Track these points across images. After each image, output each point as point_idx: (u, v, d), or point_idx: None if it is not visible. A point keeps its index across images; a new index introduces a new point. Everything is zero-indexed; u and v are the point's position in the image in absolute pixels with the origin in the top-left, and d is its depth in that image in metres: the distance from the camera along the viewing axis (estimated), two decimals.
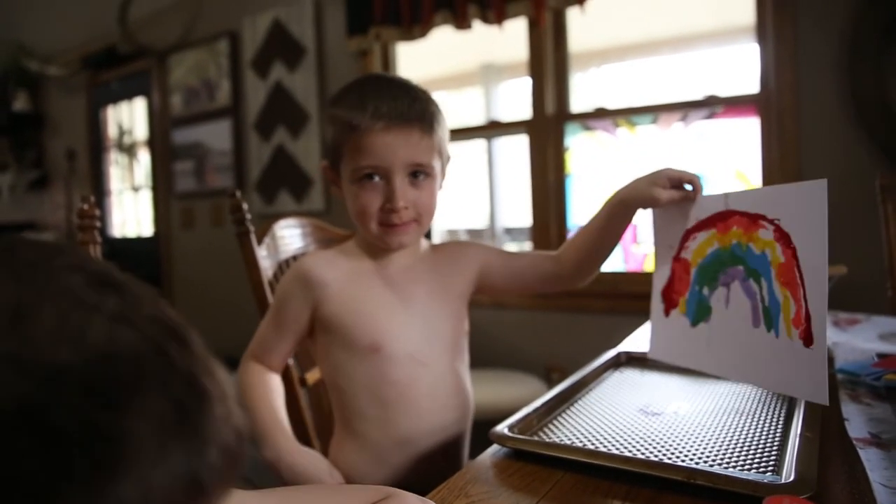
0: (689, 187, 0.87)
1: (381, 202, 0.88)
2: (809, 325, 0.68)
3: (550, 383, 2.15)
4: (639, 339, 1.25)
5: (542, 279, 1.00)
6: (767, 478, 0.62)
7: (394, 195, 0.88)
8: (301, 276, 0.94)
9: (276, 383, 0.98)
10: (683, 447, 0.71)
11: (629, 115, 2.29)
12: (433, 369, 0.94)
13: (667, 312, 0.90)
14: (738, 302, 0.79)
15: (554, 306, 2.34)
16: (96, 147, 4.34)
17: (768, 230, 0.75)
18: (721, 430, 0.76)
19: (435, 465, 0.94)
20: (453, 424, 0.96)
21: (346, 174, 0.91)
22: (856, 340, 1.14)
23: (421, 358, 0.93)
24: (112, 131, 4.31)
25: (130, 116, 4.17)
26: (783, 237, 0.73)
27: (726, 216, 0.81)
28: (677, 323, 0.88)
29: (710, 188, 0.86)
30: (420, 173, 0.90)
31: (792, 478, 0.58)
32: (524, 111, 2.46)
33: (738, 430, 0.76)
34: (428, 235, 1.04)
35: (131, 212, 4.29)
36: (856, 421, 0.75)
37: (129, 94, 4.07)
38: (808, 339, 0.69)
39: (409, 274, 0.97)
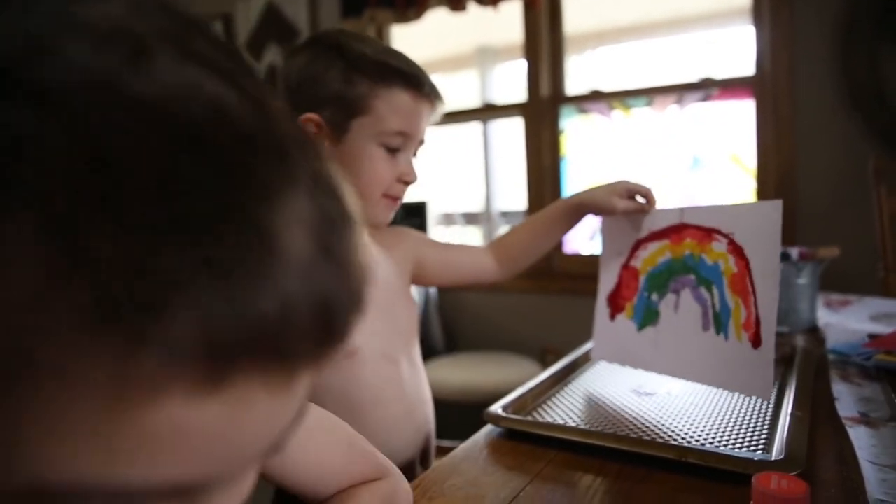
0: (642, 200, 0.89)
1: (398, 173, 0.82)
2: (759, 328, 0.71)
3: (546, 366, 2.16)
4: None
5: (476, 272, 0.98)
6: (757, 456, 0.62)
7: (412, 169, 0.83)
8: None
9: None
10: (675, 426, 0.72)
11: (624, 97, 2.29)
12: (401, 366, 0.86)
13: (612, 317, 0.93)
14: (688, 307, 0.82)
15: (549, 289, 2.35)
16: None
17: (722, 243, 0.78)
18: (713, 410, 0.77)
19: (407, 469, 0.85)
20: (424, 423, 0.88)
21: (366, 133, 0.79)
22: (847, 321, 1.15)
23: (391, 354, 0.84)
24: None
25: None
26: (736, 250, 0.76)
27: (680, 229, 0.84)
28: (623, 327, 0.91)
29: (665, 202, 0.89)
30: (418, 152, 0.86)
31: (781, 456, 0.59)
32: (519, 94, 2.44)
33: (730, 409, 0.77)
34: (419, 221, 1.02)
35: None
36: (846, 400, 0.76)
37: None
38: (756, 342, 0.71)
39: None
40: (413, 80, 0.80)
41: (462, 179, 2.83)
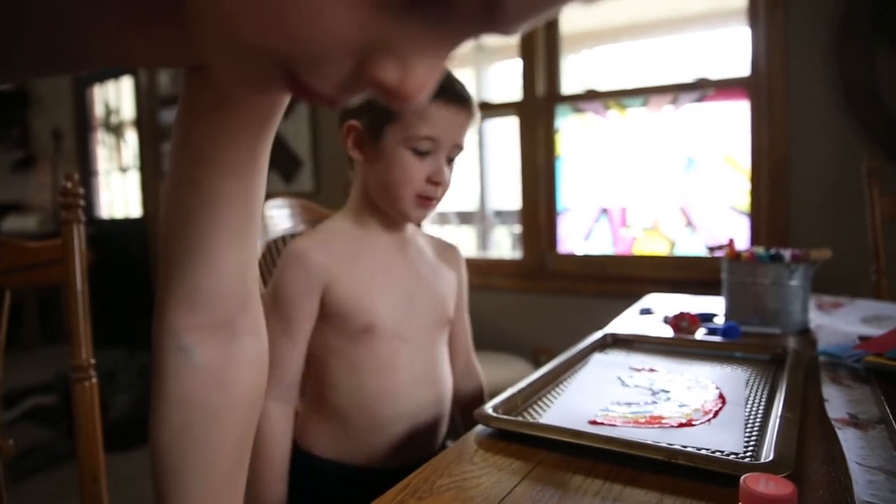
0: None
1: (427, 174, 0.90)
2: None
3: (538, 366, 2.16)
4: (625, 322, 1.26)
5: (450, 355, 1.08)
6: (746, 458, 0.62)
7: (441, 170, 0.91)
8: (304, 267, 0.90)
9: (287, 439, 0.94)
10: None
11: (619, 97, 2.29)
12: (412, 345, 0.95)
13: None
14: None
15: (542, 289, 2.35)
16: (83, 127, 4.28)
17: None
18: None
19: (406, 443, 0.94)
20: (428, 404, 0.97)
21: (396, 138, 0.89)
22: (839, 323, 1.15)
23: (404, 334, 0.94)
24: (99, 111, 4.26)
25: (117, 96, 4.11)
26: None
27: None
28: None
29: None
30: (454, 156, 0.94)
31: (770, 457, 0.59)
32: (515, 93, 2.44)
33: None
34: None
35: (119, 193, 4.25)
36: (835, 402, 0.77)
37: (115, 73, 4.01)
38: None
39: (400, 251, 0.98)
40: (439, 89, 0.85)
41: (457, 179, 2.82)
